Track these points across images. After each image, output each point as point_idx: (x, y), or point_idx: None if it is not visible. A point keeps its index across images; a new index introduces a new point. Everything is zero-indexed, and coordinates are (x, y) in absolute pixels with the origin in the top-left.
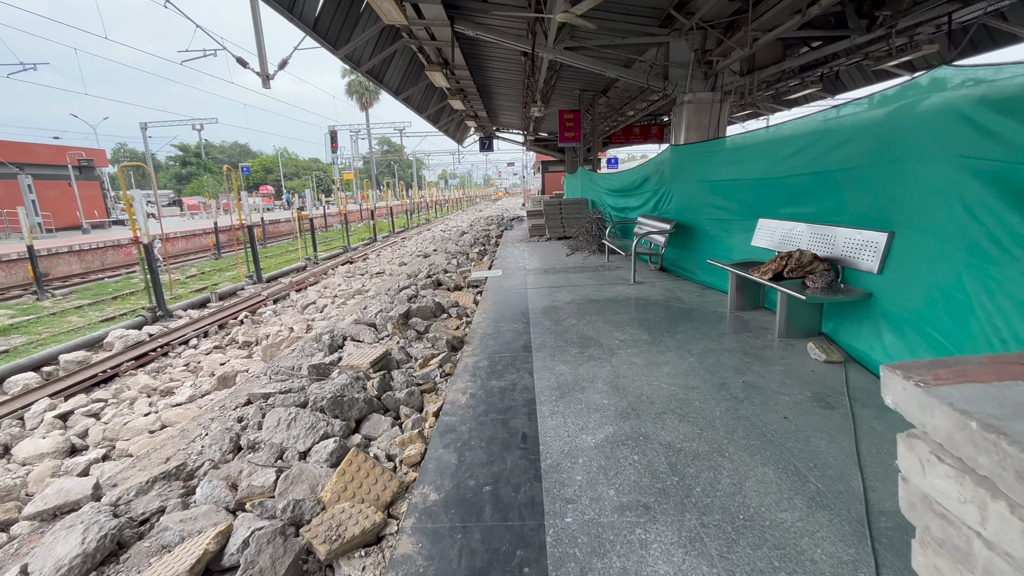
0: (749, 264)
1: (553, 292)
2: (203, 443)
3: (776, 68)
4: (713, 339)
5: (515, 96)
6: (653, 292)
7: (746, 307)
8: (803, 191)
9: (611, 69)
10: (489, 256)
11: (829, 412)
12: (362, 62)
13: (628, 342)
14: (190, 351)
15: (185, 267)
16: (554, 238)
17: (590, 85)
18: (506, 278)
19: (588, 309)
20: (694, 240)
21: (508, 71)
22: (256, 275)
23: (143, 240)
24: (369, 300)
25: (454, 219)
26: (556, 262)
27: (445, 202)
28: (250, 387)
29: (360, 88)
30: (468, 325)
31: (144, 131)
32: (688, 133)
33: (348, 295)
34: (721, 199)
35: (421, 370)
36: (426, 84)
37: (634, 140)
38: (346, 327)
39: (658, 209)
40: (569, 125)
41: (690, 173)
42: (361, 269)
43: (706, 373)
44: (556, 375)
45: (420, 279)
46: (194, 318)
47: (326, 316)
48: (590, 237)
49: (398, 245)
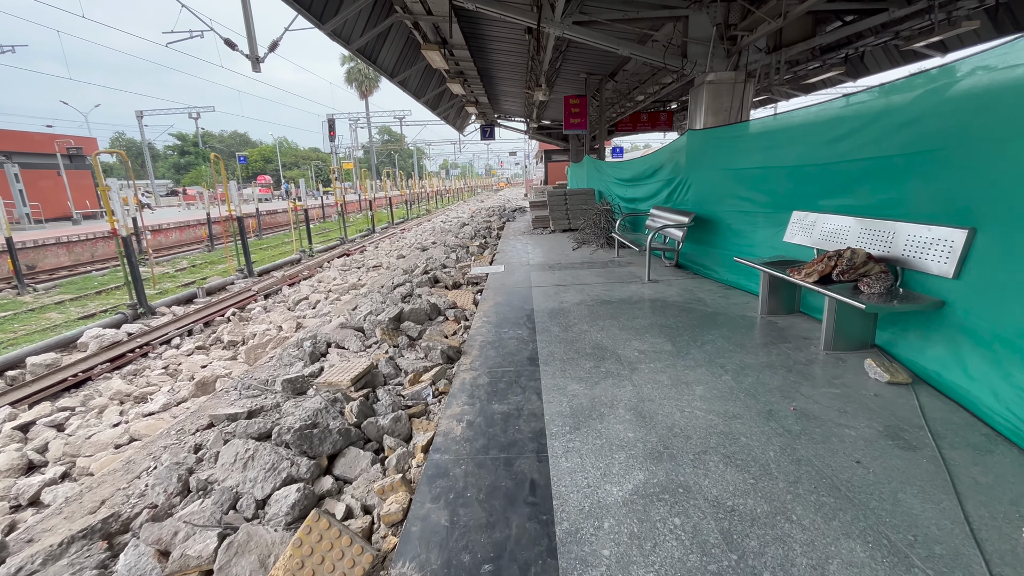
0: (783, 263)
1: (560, 291)
2: (148, 481)
3: (806, 45)
4: (748, 351)
5: (518, 80)
6: (671, 292)
7: (779, 311)
8: (852, 180)
9: (624, 46)
10: (490, 250)
11: (911, 455)
12: (352, 39)
13: (649, 354)
14: (172, 351)
15: (176, 259)
16: (559, 230)
17: (597, 68)
18: (508, 275)
19: (600, 312)
20: (714, 234)
21: (511, 52)
22: (247, 269)
23: (121, 233)
24: (361, 298)
25: (455, 210)
26: (562, 257)
27: (446, 192)
28: (217, 404)
29: (360, 76)
30: (466, 330)
31: (140, 119)
32: (707, 117)
33: (343, 290)
34: (746, 189)
35: (411, 387)
36: (424, 66)
37: (642, 128)
38: (331, 332)
39: (672, 200)
40: (575, 111)
41: (710, 161)
42: (358, 262)
43: (747, 396)
44: (568, 396)
45: (416, 275)
46: (178, 315)
47: (318, 313)
48: (598, 230)
49: (397, 237)
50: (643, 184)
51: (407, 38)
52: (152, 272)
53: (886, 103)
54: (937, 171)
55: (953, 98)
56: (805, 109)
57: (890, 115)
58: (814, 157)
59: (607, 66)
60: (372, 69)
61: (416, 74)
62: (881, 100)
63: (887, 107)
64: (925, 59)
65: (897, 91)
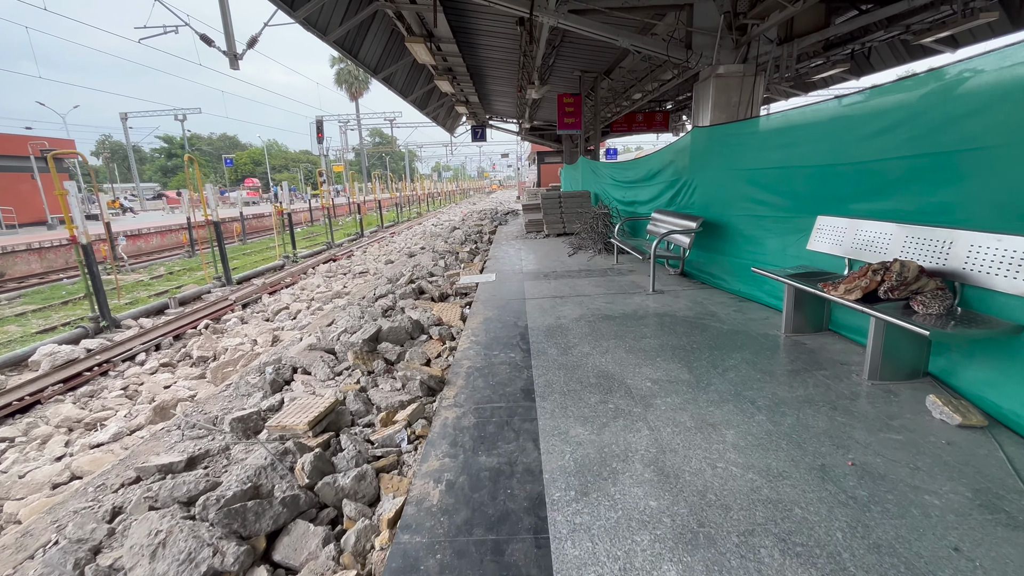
0: (811, 275)
1: (557, 304)
2: (38, 569)
3: (819, 36)
4: (779, 380)
5: (509, 79)
6: (679, 306)
7: (805, 329)
8: (894, 181)
9: (624, 36)
10: (481, 256)
11: (1022, 537)
12: (329, 30)
13: (664, 384)
14: (135, 369)
15: (153, 266)
16: (553, 235)
17: (592, 65)
18: (500, 284)
19: (603, 330)
20: (724, 241)
21: (502, 48)
22: (225, 276)
23: (81, 240)
24: (339, 312)
25: (446, 213)
26: (557, 264)
27: (438, 195)
28: (155, 446)
29: (350, 77)
30: (452, 352)
31: (124, 121)
32: (715, 113)
33: (326, 298)
34: (761, 191)
35: (383, 430)
36: (410, 62)
37: (637, 128)
38: (297, 355)
39: (676, 203)
40: (569, 111)
41: (719, 160)
42: (344, 268)
43: (790, 444)
44: (572, 445)
45: (400, 285)
46: (145, 328)
47: (297, 324)
48: (595, 235)
49: (386, 241)
50: (644, 186)
51: (391, 31)
52: (116, 282)
53: (940, 93)
54: (1008, 169)
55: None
56: (837, 101)
57: (949, 104)
58: (847, 155)
59: (603, 63)
60: (352, 63)
61: (402, 71)
62: (936, 87)
63: (945, 94)
64: (934, 55)
65: (956, 76)
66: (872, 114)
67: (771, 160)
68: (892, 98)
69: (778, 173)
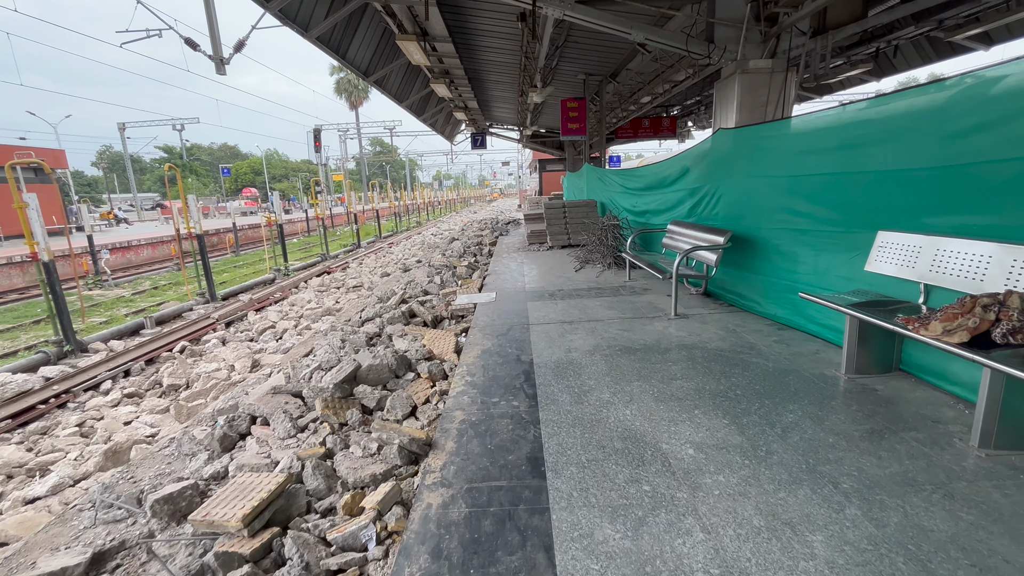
0: (879, 305)
1: (566, 332)
2: None
3: (857, 27)
4: (861, 447)
5: (510, 83)
6: (709, 334)
7: (871, 369)
8: (997, 188)
9: (638, 29)
10: (480, 272)
11: None
12: (312, 25)
13: (711, 451)
14: (98, 400)
15: (139, 280)
16: (557, 247)
17: (598, 67)
18: (501, 305)
19: (623, 367)
20: (755, 258)
21: (502, 49)
22: (208, 292)
23: (42, 257)
24: (319, 340)
25: (446, 222)
26: (563, 280)
27: (439, 203)
28: (61, 530)
29: (349, 87)
30: (443, 398)
31: (122, 132)
32: (741, 114)
33: (316, 315)
34: (804, 201)
35: (345, 524)
36: (405, 64)
37: (643, 134)
38: (258, 401)
39: (696, 214)
40: (573, 115)
41: (749, 166)
42: (338, 281)
43: (911, 565)
44: (600, 557)
45: (390, 307)
46: (115, 352)
47: (281, 347)
48: (604, 248)
49: (384, 252)
50: (658, 195)
51: (383, 30)
52: (81, 302)
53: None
54: None
55: None
56: (914, 90)
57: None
58: (926, 157)
59: (609, 64)
60: (339, 63)
61: (396, 73)
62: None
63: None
64: (965, 53)
65: None
66: (967, 106)
67: (818, 165)
68: (1001, 84)
69: (827, 180)
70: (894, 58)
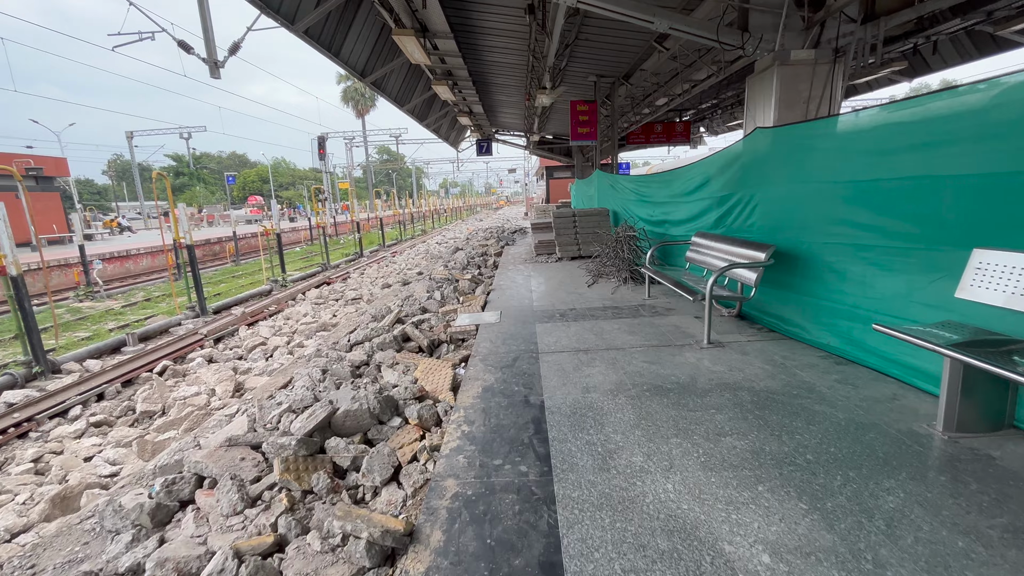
0: (988, 345)
1: (582, 364)
2: None
3: (912, 12)
4: (1006, 555)
5: (517, 87)
6: (753, 370)
7: (977, 426)
8: None
9: (662, 17)
10: (484, 286)
11: None
12: (299, 16)
13: (793, 560)
14: (64, 428)
15: (132, 291)
16: (567, 258)
17: (610, 68)
18: (506, 327)
19: (655, 415)
20: (802, 276)
21: (508, 49)
22: (199, 306)
23: (10, 271)
24: (299, 369)
25: (452, 230)
26: (575, 298)
27: (445, 211)
28: None
29: (356, 95)
30: (433, 456)
31: (130, 140)
32: (780, 111)
33: (311, 331)
34: (869, 212)
35: None
36: (406, 66)
37: (656, 139)
38: (207, 458)
39: (725, 225)
40: (583, 119)
41: (794, 170)
42: (336, 293)
43: None
44: None
45: (383, 328)
46: (90, 372)
47: (268, 369)
48: (619, 261)
49: (386, 262)
50: (679, 203)
51: (381, 26)
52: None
53: None
54: None
55: None
56: None
57: None
58: None
59: (622, 65)
60: (333, 61)
61: (396, 75)
62: None
63: None
64: (1010, 49)
65: None
66: None
67: (890, 168)
68: None
69: (902, 186)
70: (932, 55)
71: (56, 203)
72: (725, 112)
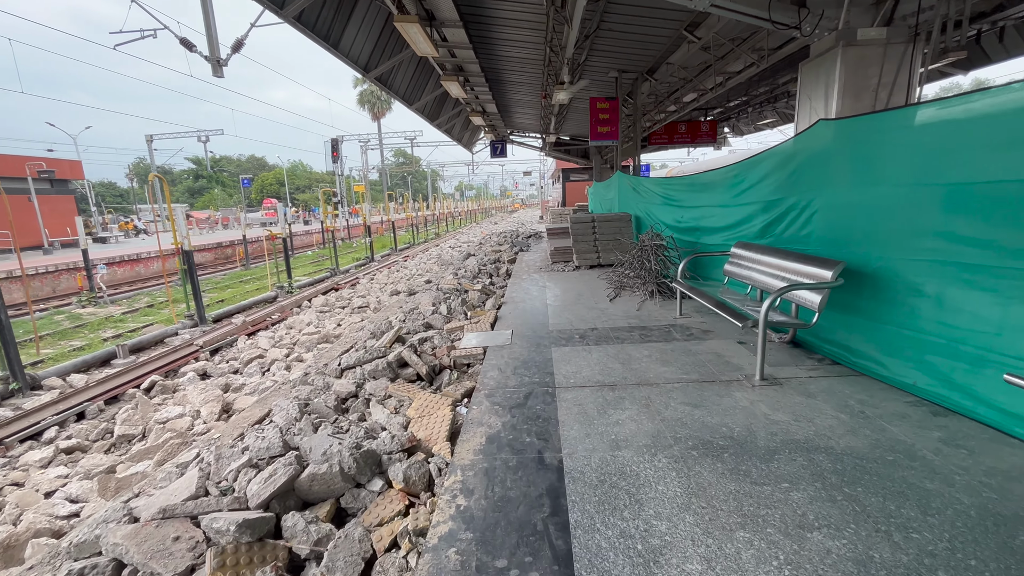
0: None
1: (608, 405)
2: None
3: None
4: None
5: (532, 84)
6: (825, 420)
7: None
8: None
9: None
10: (495, 299)
11: None
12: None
13: None
14: (35, 454)
15: (137, 296)
16: (585, 267)
17: (633, 62)
18: (517, 351)
19: (713, 494)
20: (878, 300)
21: (524, 42)
22: (197, 314)
23: None
24: (278, 400)
25: (466, 233)
26: (596, 314)
27: (459, 214)
28: None
29: (372, 98)
30: (415, 546)
31: (150, 144)
32: (844, 100)
33: (311, 343)
34: (981, 223)
35: None
36: (413, 60)
37: (679, 140)
38: (128, 540)
39: (773, 234)
40: (603, 117)
41: (872, 170)
42: (343, 299)
43: None
44: None
45: (377, 351)
46: (74, 388)
47: (258, 387)
48: (645, 273)
49: (397, 267)
50: (715, 209)
51: (387, 16)
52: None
53: None
54: None
55: None
56: None
57: None
58: None
59: (645, 59)
60: (330, 52)
61: (403, 70)
62: None
63: None
64: None
65: None
66: None
67: (1016, 166)
68: None
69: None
70: (1000, 42)
71: (70, 206)
72: (755, 110)
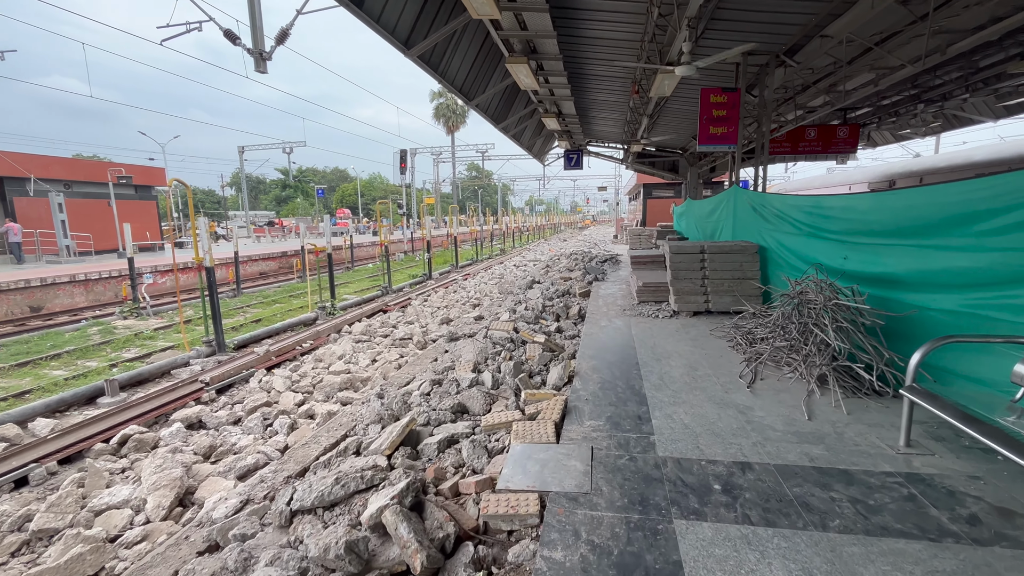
0: None
1: None
2: None
3: None
4: None
5: (622, 78)
6: None
7: None
8: None
9: None
10: (563, 364)
11: None
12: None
13: None
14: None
15: (185, 308)
16: (686, 313)
17: (771, 35)
18: (600, 517)
19: None
20: None
21: (615, 11)
22: (216, 340)
23: None
24: (231, 543)
25: (533, 251)
26: (737, 423)
27: (526, 229)
28: None
29: (447, 112)
30: None
31: (241, 154)
32: None
33: (334, 388)
34: None
35: None
36: (469, 35)
37: (807, 149)
38: None
39: None
40: (718, 115)
41: None
42: (388, 326)
43: None
44: None
45: (353, 479)
46: (29, 441)
47: (244, 460)
48: (811, 346)
49: (455, 287)
50: (940, 250)
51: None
52: None
53: None
54: None
55: None
56: None
57: None
58: None
59: (790, 31)
60: (386, 39)
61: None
62: None
63: None
64: None
65: None
66: None
67: None
68: None
69: None
70: None
71: (152, 211)
72: (927, 106)
